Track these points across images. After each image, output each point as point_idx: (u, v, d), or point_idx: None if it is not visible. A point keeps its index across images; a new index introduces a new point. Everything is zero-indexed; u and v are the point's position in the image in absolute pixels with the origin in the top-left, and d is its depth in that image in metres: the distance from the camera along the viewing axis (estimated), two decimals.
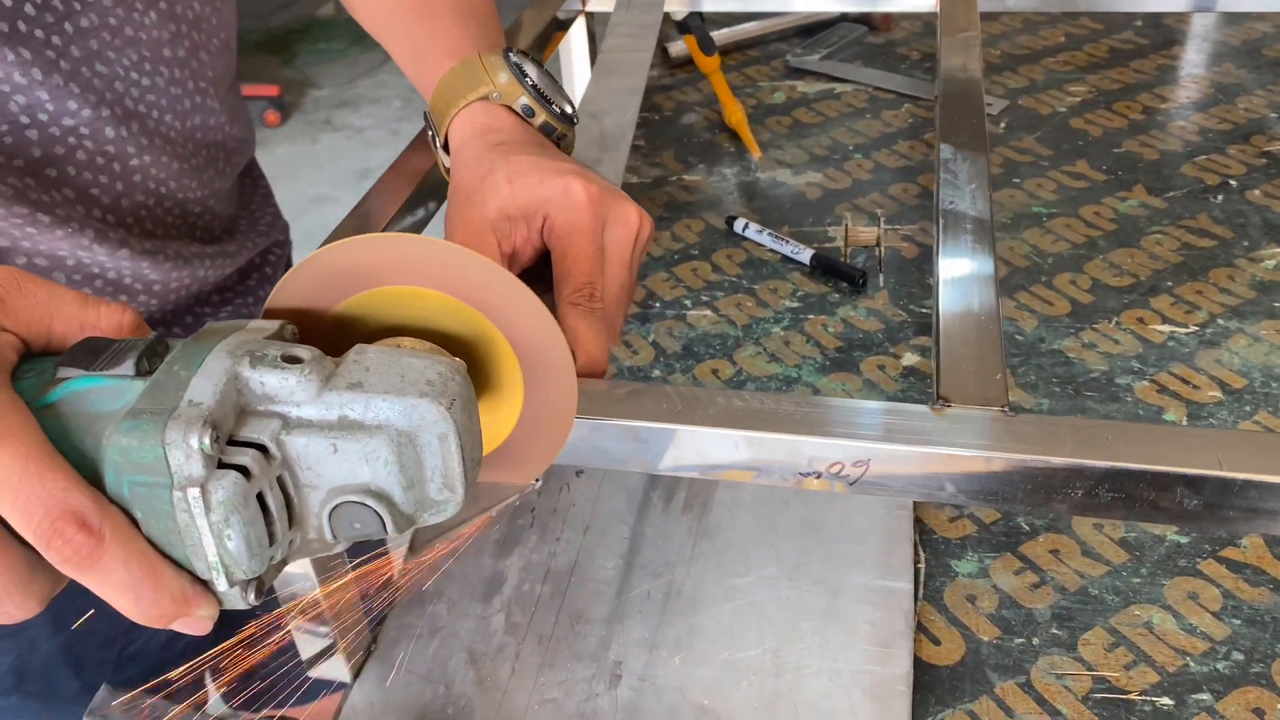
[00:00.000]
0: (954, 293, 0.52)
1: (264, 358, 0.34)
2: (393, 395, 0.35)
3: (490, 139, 0.55)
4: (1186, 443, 0.43)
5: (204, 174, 0.66)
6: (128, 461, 0.32)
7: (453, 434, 0.35)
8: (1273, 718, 0.56)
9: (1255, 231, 0.92)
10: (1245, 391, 0.76)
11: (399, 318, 0.43)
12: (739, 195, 1.04)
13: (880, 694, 0.59)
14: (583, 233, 0.50)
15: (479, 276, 0.41)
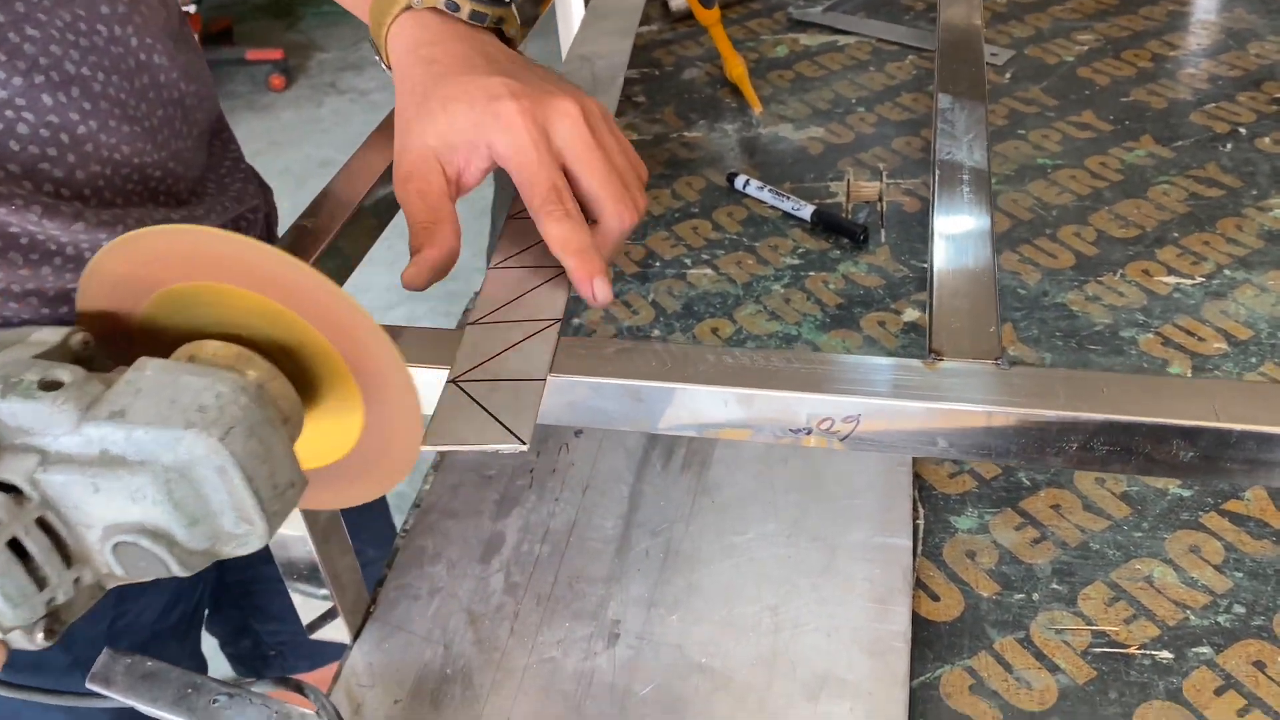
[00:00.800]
0: (949, 245, 0.51)
1: (18, 384, 0.31)
2: (155, 426, 0.31)
3: (421, 55, 0.54)
4: (1182, 394, 0.42)
5: (159, 135, 0.63)
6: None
7: (232, 466, 0.32)
8: (1274, 670, 0.56)
9: (1264, 180, 0.91)
10: (1251, 343, 0.75)
11: (216, 318, 0.39)
12: (740, 151, 1.03)
13: (878, 650, 0.58)
14: (526, 144, 0.50)
15: (293, 279, 0.36)
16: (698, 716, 0.57)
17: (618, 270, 0.89)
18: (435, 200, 0.51)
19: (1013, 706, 0.56)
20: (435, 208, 0.51)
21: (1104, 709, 0.55)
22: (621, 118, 1.10)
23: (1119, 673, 0.57)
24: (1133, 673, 0.56)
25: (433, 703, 0.59)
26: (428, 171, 0.51)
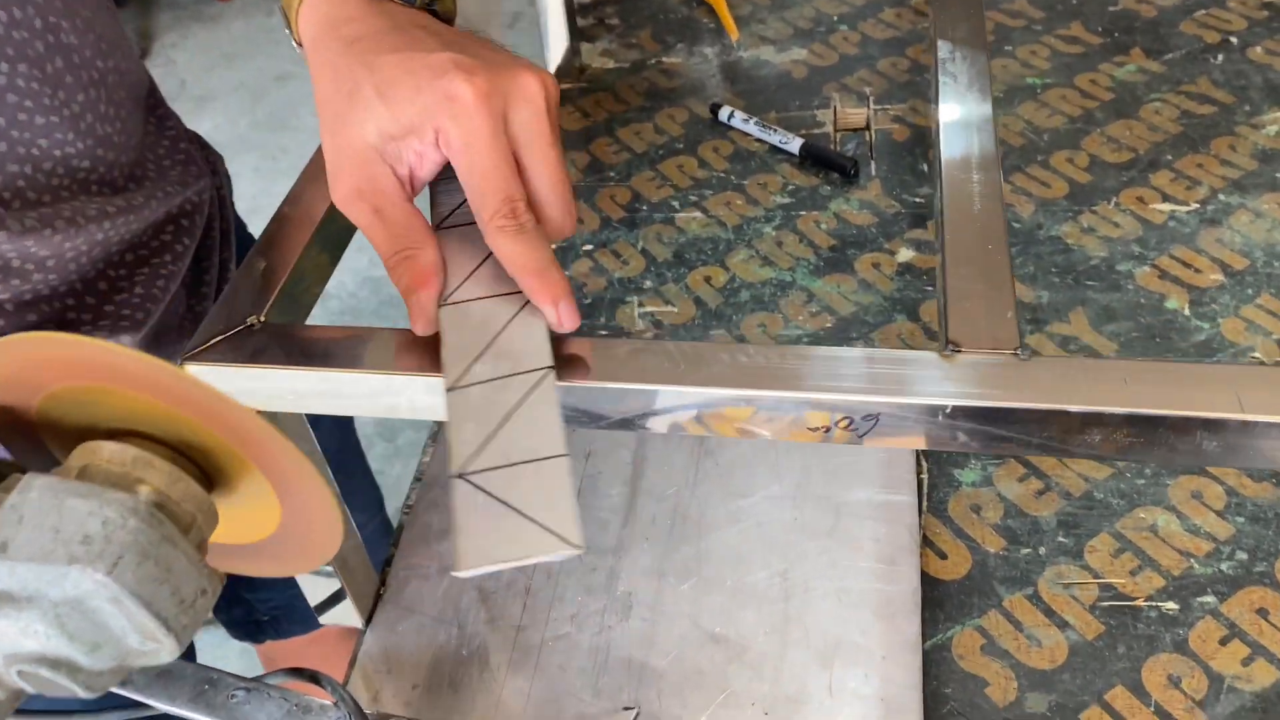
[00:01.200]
0: (959, 230, 0.49)
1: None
2: (38, 562, 0.30)
3: (344, 34, 0.47)
4: (1205, 382, 0.42)
5: (81, 121, 0.57)
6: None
7: (126, 596, 0.31)
8: (1276, 617, 0.57)
9: (1257, 94, 0.89)
10: (1247, 273, 0.75)
11: (117, 413, 0.36)
12: (721, 78, 1.00)
13: (889, 614, 0.59)
14: (481, 140, 0.43)
15: (174, 385, 0.34)
16: (714, 689, 0.57)
17: (604, 216, 0.87)
18: (399, 217, 0.45)
19: (1024, 666, 0.57)
20: (404, 228, 0.45)
21: (1113, 664, 0.56)
22: (595, 43, 1.06)
23: (1126, 626, 0.58)
24: (1140, 625, 0.58)
25: (451, 686, 0.59)
26: (376, 178, 0.45)
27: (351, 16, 0.48)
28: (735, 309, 0.78)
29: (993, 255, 0.48)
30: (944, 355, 0.44)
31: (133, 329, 0.61)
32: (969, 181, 0.52)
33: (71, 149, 0.56)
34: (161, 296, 0.64)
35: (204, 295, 0.70)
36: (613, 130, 0.96)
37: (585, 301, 0.80)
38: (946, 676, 0.57)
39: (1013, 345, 0.44)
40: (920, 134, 0.90)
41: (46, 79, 0.54)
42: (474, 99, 0.43)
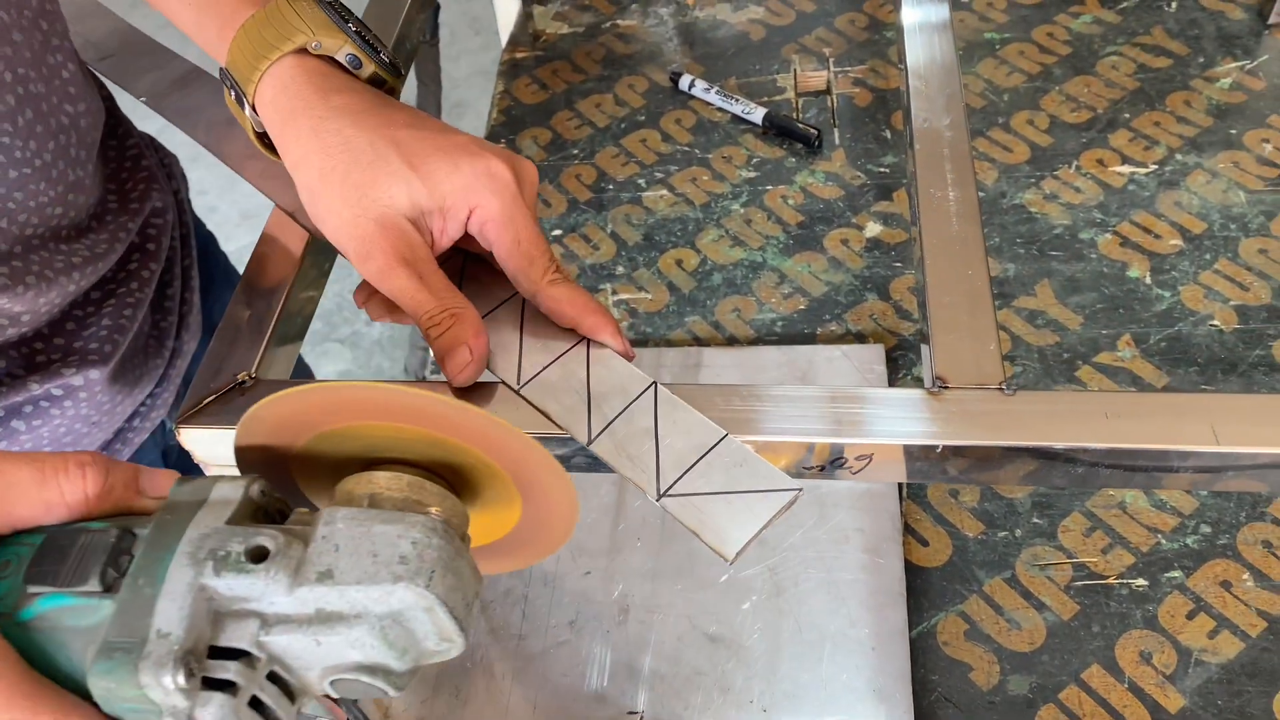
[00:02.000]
0: (940, 262, 0.50)
1: (227, 559, 0.33)
2: (365, 584, 0.33)
3: (335, 104, 0.48)
4: (1182, 412, 0.44)
5: (53, 169, 0.55)
6: (113, 696, 0.32)
7: (438, 606, 0.34)
8: (1239, 589, 0.60)
9: (1210, 44, 0.90)
10: (1205, 237, 0.77)
11: (372, 444, 0.40)
12: (679, 41, 0.98)
13: (876, 604, 0.62)
14: (522, 212, 0.47)
15: (450, 417, 0.38)
16: (714, 688, 0.60)
17: (571, 198, 0.87)
18: (439, 280, 0.46)
19: (1006, 649, 0.60)
20: (447, 289, 0.46)
21: (1088, 643, 0.59)
22: (547, 4, 1.04)
23: (1100, 605, 0.61)
24: (1112, 604, 0.61)
25: (458, 697, 0.61)
26: (415, 246, 0.46)
27: (343, 87, 0.48)
28: (708, 293, 0.79)
29: (973, 281, 0.50)
30: (931, 393, 0.46)
31: (101, 362, 0.61)
32: (945, 200, 0.53)
33: (44, 197, 0.55)
34: (129, 325, 0.63)
35: (167, 310, 0.69)
36: (572, 103, 0.95)
37: None
38: (933, 663, 0.60)
39: (997, 380, 0.46)
40: (881, 98, 0.90)
41: (17, 132, 0.53)
42: (510, 176, 0.46)
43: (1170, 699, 0.57)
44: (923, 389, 0.46)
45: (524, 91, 0.97)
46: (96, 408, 0.60)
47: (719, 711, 0.59)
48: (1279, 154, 0.81)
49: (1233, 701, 0.56)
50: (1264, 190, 0.79)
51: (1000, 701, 0.58)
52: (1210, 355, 0.70)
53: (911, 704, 0.58)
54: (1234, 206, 0.78)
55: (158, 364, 0.66)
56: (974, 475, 0.45)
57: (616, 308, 0.79)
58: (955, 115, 0.57)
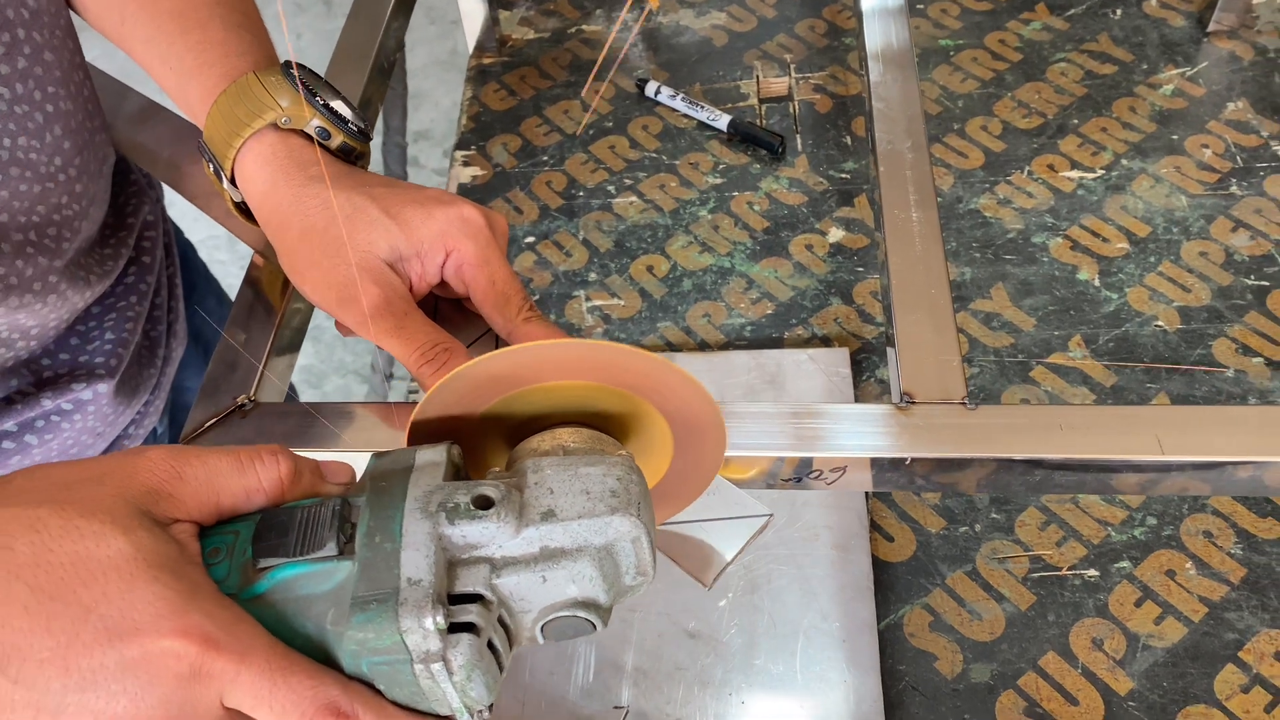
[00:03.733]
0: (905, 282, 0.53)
1: (457, 509, 0.35)
2: (587, 518, 0.36)
3: (312, 174, 0.50)
4: (1130, 424, 0.47)
5: (77, 184, 0.57)
6: (365, 649, 0.33)
7: (644, 535, 0.37)
8: (1182, 577, 0.65)
9: (1153, 51, 0.94)
10: (1149, 240, 0.81)
11: (544, 403, 0.42)
12: (644, 47, 1.01)
13: (845, 599, 0.65)
14: (496, 254, 0.49)
15: (627, 363, 0.41)
16: (694, 682, 0.63)
17: (542, 205, 0.89)
18: (422, 319, 0.48)
19: (968, 639, 0.63)
20: (431, 327, 0.48)
21: (1045, 631, 0.63)
22: (513, 10, 1.06)
23: (1055, 595, 0.65)
24: (1066, 594, 0.65)
25: None
26: (396, 287, 0.47)
27: (314, 160, 0.51)
28: (679, 299, 0.81)
29: (936, 300, 0.53)
30: (899, 408, 0.49)
31: (109, 376, 0.62)
32: (909, 221, 0.56)
33: (69, 211, 0.57)
34: (131, 339, 0.65)
35: (156, 319, 0.70)
36: (541, 109, 0.97)
37: (534, 298, 0.83)
38: (900, 654, 0.63)
39: (960, 395, 0.49)
40: (842, 104, 0.93)
41: (44, 148, 0.54)
42: (482, 221, 0.48)
43: (1120, 682, 0.61)
44: (891, 404, 0.49)
45: (492, 98, 0.98)
46: (102, 419, 0.62)
47: (699, 704, 0.62)
48: (1218, 159, 0.85)
49: (1177, 683, 0.61)
50: (1203, 194, 0.83)
51: (964, 689, 0.62)
52: (1155, 355, 0.74)
53: (880, 693, 0.62)
54: (1176, 210, 0.83)
55: (151, 373, 0.67)
56: (937, 481, 0.49)
57: (590, 314, 0.81)
58: (916, 137, 0.60)
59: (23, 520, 0.32)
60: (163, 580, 0.32)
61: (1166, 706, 0.60)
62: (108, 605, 0.31)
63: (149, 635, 0.31)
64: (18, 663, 0.30)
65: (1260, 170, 0.84)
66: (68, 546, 0.31)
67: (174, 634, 0.31)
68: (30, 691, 0.30)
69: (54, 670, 0.30)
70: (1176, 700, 0.60)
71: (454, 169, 0.93)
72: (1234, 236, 0.80)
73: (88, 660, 0.30)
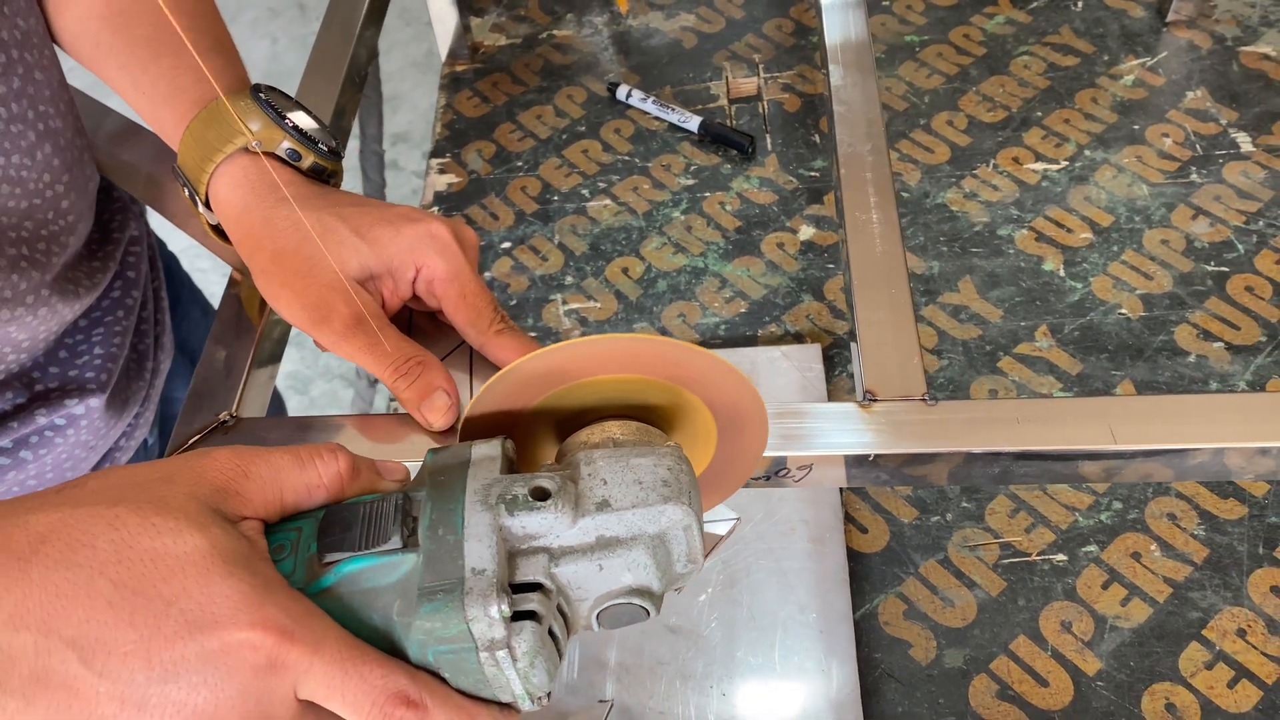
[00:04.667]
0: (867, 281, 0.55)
1: (516, 501, 0.36)
2: (640, 507, 0.37)
3: (281, 196, 0.51)
4: (1084, 416, 0.49)
5: (65, 200, 0.59)
6: (432, 638, 0.34)
7: (695, 523, 0.38)
8: (1148, 559, 0.66)
9: (1114, 42, 0.96)
10: (1112, 229, 0.83)
11: (591, 397, 0.43)
12: (614, 51, 1.02)
13: (821, 590, 0.67)
14: (466, 268, 0.50)
15: (675, 356, 0.42)
16: (676, 675, 0.65)
17: (518, 210, 0.90)
18: (394, 334, 0.49)
19: (941, 626, 0.65)
20: (404, 340, 0.49)
21: (1015, 616, 0.65)
22: (484, 16, 1.07)
23: (1025, 580, 0.66)
24: (1035, 578, 0.66)
25: None
26: (367, 304, 0.48)
27: (289, 180, 0.52)
28: (654, 300, 0.83)
29: (896, 299, 0.54)
30: (863, 406, 0.51)
31: (100, 390, 0.64)
32: (869, 222, 0.57)
33: (56, 225, 0.58)
34: (120, 353, 0.66)
35: (144, 333, 0.72)
36: (514, 115, 0.98)
37: (511, 303, 0.84)
38: (875, 642, 0.65)
39: (920, 392, 0.51)
40: (810, 103, 0.95)
41: (35, 165, 0.55)
42: (450, 235, 0.49)
43: (1089, 663, 0.63)
44: (855, 402, 0.51)
45: (466, 105, 1.00)
46: (94, 433, 0.63)
47: (681, 697, 0.64)
48: (1178, 147, 0.87)
49: (1143, 662, 0.62)
50: (1164, 183, 0.85)
51: (938, 674, 0.63)
52: (1119, 342, 0.76)
53: (857, 681, 0.63)
54: (1138, 199, 0.84)
55: (140, 385, 0.69)
56: (904, 475, 0.50)
57: (567, 317, 0.83)
58: (876, 140, 0.61)
59: (102, 518, 0.33)
60: (238, 575, 0.33)
61: (1133, 685, 0.62)
62: (187, 599, 0.32)
63: (227, 628, 0.32)
64: (103, 656, 0.31)
65: (1219, 158, 0.86)
66: (146, 543, 0.32)
67: (251, 626, 0.32)
68: (115, 684, 0.31)
69: (138, 663, 0.31)
70: (1143, 678, 0.62)
71: (430, 177, 0.94)
72: (1194, 224, 0.82)
73: (169, 652, 0.31)
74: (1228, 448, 0.48)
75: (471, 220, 0.90)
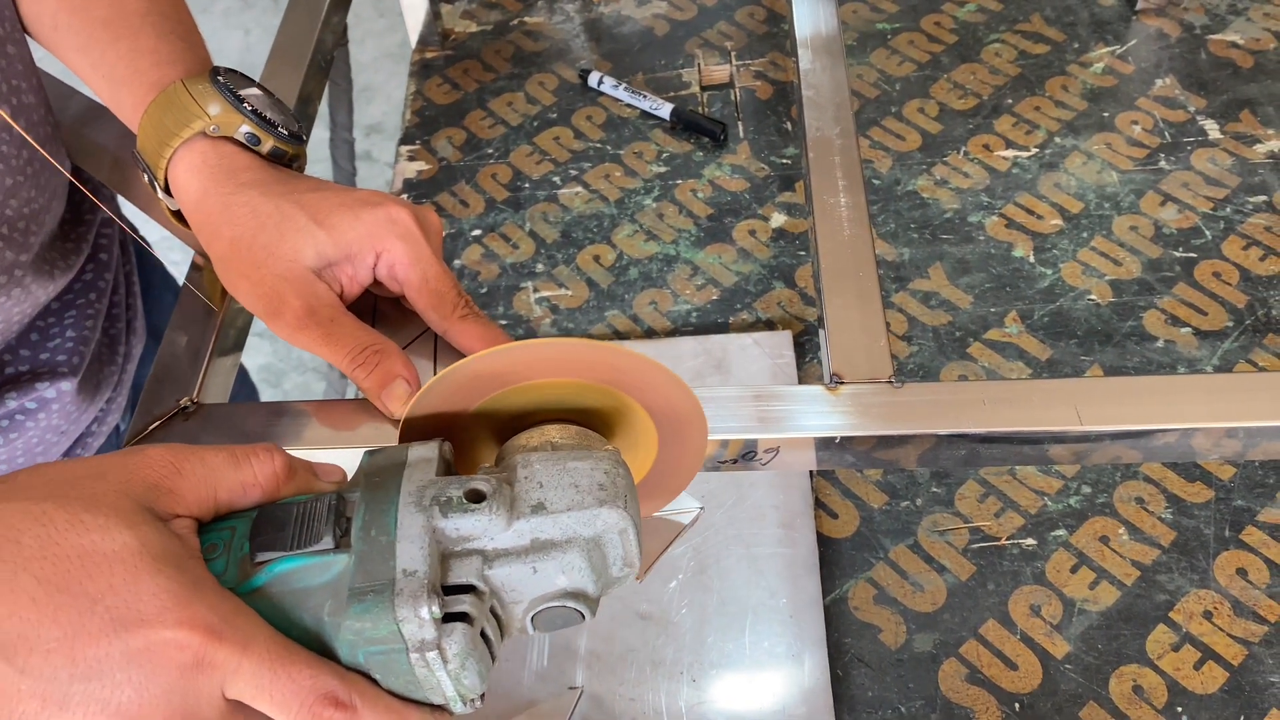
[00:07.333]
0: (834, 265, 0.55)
1: (450, 502, 0.36)
2: (575, 510, 0.37)
3: (243, 180, 0.50)
4: (1050, 397, 0.49)
5: (41, 177, 0.58)
6: (362, 639, 0.34)
7: (631, 527, 0.38)
8: (1115, 543, 0.67)
9: (1084, 30, 0.96)
10: (1082, 216, 0.83)
11: (532, 400, 0.43)
12: (586, 38, 1.01)
13: (792, 575, 0.67)
14: (427, 252, 0.49)
15: (611, 361, 0.42)
16: (646, 662, 0.64)
17: (488, 198, 0.89)
18: (351, 323, 0.48)
19: (911, 610, 0.65)
20: (361, 329, 0.48)
21: (985, 600, 0.65)
22: (455, 3, 1.06)
23: (994, 565, 0.66)
24: (1005, 563, 0.67)
25: None
26: (320, 295, 0.47)
27: (248, 165, 0.51)
28: (626, 287, 0.82)
29: (863, 282, 0.54)
30: (829, 388, 0.50)
31: (71, 374, 0.63)
32: (837, 206, 0.57)
33: (36, 204, 0.57)
34: (92, 336, 0.66)
35: (115, 317, 0.71)
36: (484, 102, 0.97)
37: (481, 290, 0.83)
38: (845, 627, 0.65)
39: (886, 374, 0.51)
40: (782, 90, 0.94)
41: (12, 141, 0.55)
42: (412, 220, 0.48)
43: (1057, 646, 0.63)
44: (821, 385, 0.51)
45: (436, 92, 0.99)
46: (66, 418, 0.63)
47: (652, 684, 0.64)
48: (1147, 135, 0.87)
49: (1111, 644, 0.63)
50: (1134, 170, 0.85)
51: (908, 659, 0.64)
52: (1089, 328, 0.76)
53: (827, 666, 0.63)
54: (1108, 186, 0.85)
55: (112, 370, 0.68)
56: (873, 458, 0.50)
57: (539, 305, 0.82)
58: (844, 124, 0.61)
59: (29, 514, 0.32)
60: (166, 573, 0.32)
61: (1101, 667, 0.62)
62: (113, 597, 0.31)
63: (154, 626, 0.31)
64: (25, 653, 0.30)
65: (1187, 145, 0.86)
66: (73, 540, 0.32)
67: (178, 625, 0.32)
68: (37, 681, 0.30)
69: (60, 660, 0.30)
70: (1111, 661, 0.62)
71: (399, 164, 0.93)
72: (1163, 210, 0.83)
73: (94, 650, 0.31)
74: (1194, 428, 0.48)
75: (441, 208, 0.89)
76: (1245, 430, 0.48)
